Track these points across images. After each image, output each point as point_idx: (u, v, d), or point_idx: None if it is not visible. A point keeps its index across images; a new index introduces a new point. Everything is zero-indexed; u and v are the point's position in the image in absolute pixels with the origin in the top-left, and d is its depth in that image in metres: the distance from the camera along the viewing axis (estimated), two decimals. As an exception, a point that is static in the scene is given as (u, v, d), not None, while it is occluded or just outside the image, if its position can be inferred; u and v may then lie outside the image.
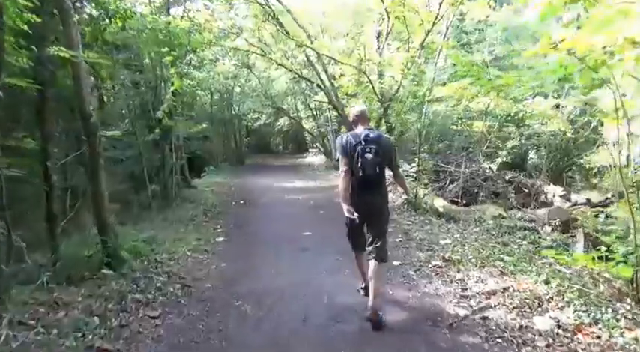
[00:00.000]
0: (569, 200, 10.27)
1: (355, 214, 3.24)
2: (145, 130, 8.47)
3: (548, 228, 6.01)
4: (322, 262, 4.72)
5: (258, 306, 3.60)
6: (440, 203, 8.35)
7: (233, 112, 19.64)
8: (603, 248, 3.60)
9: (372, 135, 3.31)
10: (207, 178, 14.03)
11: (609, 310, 3.16)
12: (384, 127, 11.15)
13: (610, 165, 11.32)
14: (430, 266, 4.47)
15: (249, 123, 26.26)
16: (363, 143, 3.24)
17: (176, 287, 3.99)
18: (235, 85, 18.73)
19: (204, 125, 10.55)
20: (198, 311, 3.53)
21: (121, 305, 3.49)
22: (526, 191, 9.54)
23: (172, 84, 5.86)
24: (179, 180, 9.28)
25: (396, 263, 4.63)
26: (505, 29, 14.45)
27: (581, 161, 12.14)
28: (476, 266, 4.40)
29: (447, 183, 9.60)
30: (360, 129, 3.42)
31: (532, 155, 12.90)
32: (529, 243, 5.29)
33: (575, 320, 3.11)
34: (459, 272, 4.23)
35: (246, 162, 20.70)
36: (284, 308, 3.58)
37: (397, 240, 5.62)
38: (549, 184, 10.61)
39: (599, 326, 3.01)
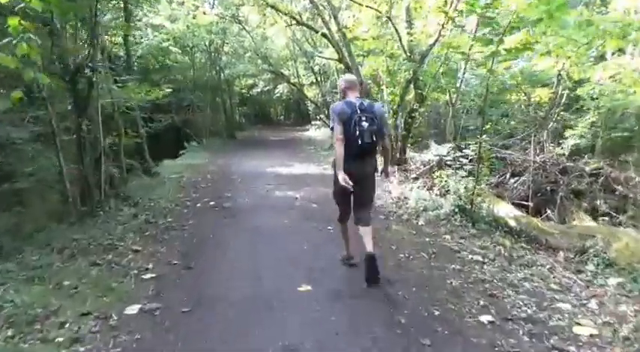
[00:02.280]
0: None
1: (350, 183, 3.16)
2: (64, 94, 5.66)
3: None
4: None
5: None
6: (507, 210, 5.54)
7: (222, 77, 16.53)
8: None
9: (365, 103, 3.28)
10: (183, 158, 11.22)
11: None
12: (411, 95, 8.21)
13: None
14: None
15: (244, 90, 23.18)
16: (359, 111, 3.19)
17: None
18: (224, 44, 15.58)
19: (167, 90, 7.59)
20: None
21: None
22: (620, 189, 6.67)
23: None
24: (123, 169, 6.47)
25: None
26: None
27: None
28: None
29: (508, 178, 6.75)
30: (353, 98, 3.33)
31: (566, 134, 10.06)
32: None
33: None
34: None
35: (239, 136, 17.77)
36: None
37: (483, 318, 2.81)
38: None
39: None
